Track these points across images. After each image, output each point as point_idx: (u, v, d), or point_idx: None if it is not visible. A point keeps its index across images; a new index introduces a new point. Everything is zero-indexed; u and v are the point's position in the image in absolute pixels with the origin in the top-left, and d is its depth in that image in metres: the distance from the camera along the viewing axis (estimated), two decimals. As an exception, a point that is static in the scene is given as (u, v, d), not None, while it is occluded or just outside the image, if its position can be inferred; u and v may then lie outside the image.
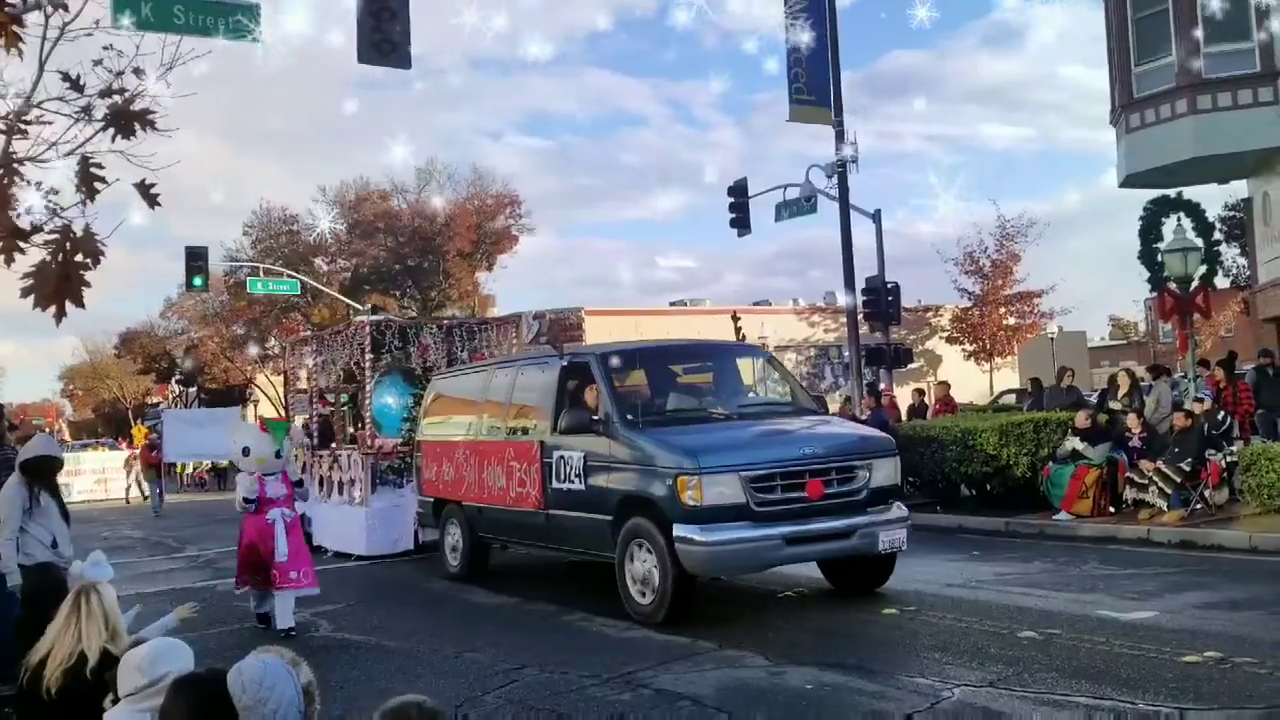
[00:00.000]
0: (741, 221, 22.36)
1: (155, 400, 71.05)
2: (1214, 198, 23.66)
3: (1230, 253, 29.71)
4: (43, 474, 7.81)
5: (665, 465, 8.48)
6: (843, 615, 8.79)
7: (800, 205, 21.61)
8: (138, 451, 31.39)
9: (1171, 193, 18.39)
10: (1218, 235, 21.62)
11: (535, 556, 11.97)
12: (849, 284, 20.44)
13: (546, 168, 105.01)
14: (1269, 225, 20.56)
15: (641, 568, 8.71)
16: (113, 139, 4.71)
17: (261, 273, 37.50)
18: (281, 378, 55.61)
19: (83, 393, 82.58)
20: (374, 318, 15.72)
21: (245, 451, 9.38)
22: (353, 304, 39.17)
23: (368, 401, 14.63)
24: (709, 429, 9.24)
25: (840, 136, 19.98)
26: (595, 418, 9.31)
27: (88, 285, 4.54)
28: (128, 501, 31.84)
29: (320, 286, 41.07)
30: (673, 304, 48.73)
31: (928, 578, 9.98)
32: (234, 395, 51.14)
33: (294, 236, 46.35)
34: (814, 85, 20.26)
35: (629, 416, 9.15)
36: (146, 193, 4.81)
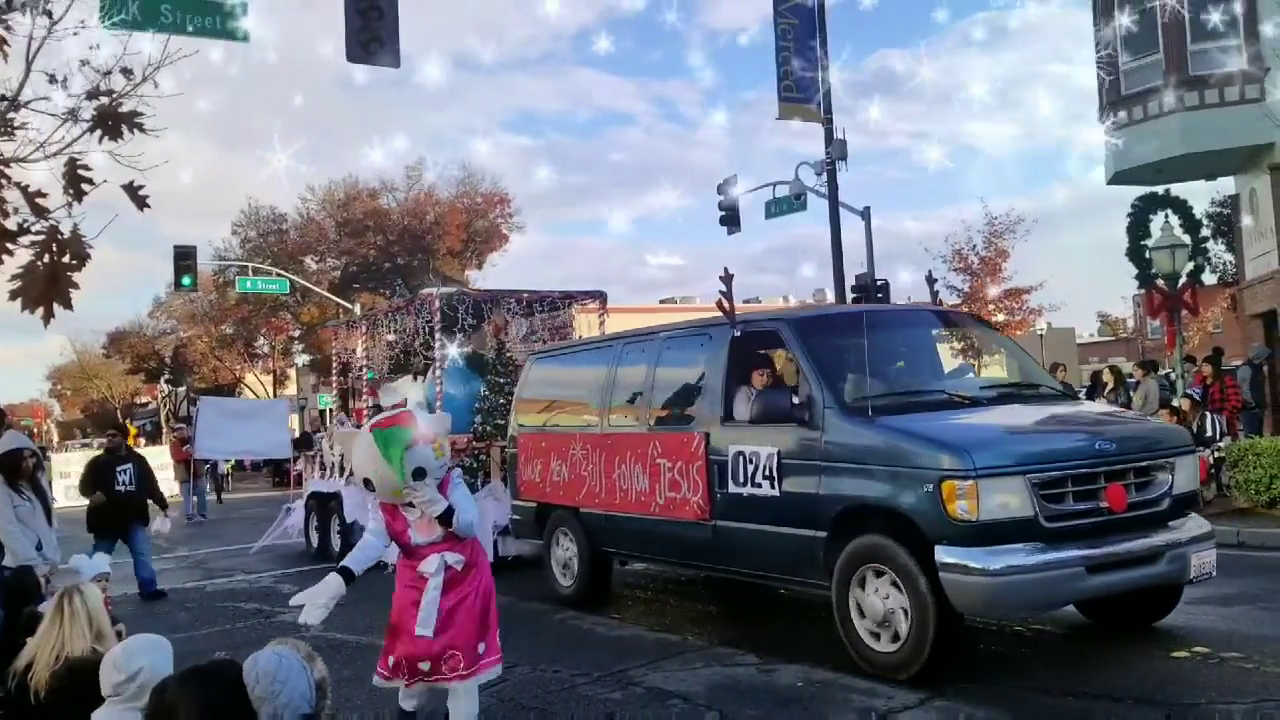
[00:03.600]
0: (731, 219, 22.41)
1: (144, 400, 70.82)
2: (1201, 194, 23.80)
3: (1217, 249, 29.79)
4: (14, 469, 7.78)
5: (920, 465, 6.29)
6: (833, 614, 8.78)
7: (790, 203, 21.67)
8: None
9: (1159, 190, 18.49)
10: (1205, 232, 21.74)
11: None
12: (839, 281, 20.47)
13: (535, 166, 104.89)
14: (1256, 222, 20.63)
15: (878, 603, 6.50)
16: (99, 140, 4.69)
17: (250, 271, 37.40)
18: (271, 377, 55.73)
19: (71, 393, 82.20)
20: (445, 290, 13.75)
21: (420, 475, 5.27)
22: (343, 303, 39.09)
23: (440, 390, 12.51)
24: (960, 416, 7.08)
25: (829, 134, 20.01)
26: (796, 402, 7.20)
27: (75, 286, 4.52)
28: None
29: (309, 285, 40.96)
30: (662, 301, 48.81)
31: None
32: (224, 394, 50.93)
33: (283, 235, 46.24)
34: (803, 83, 20.28)
35: (853, 400, 7.02)
36: (135, 194, 4.78)
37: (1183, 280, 15.94)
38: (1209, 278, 24.94)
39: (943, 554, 6.11)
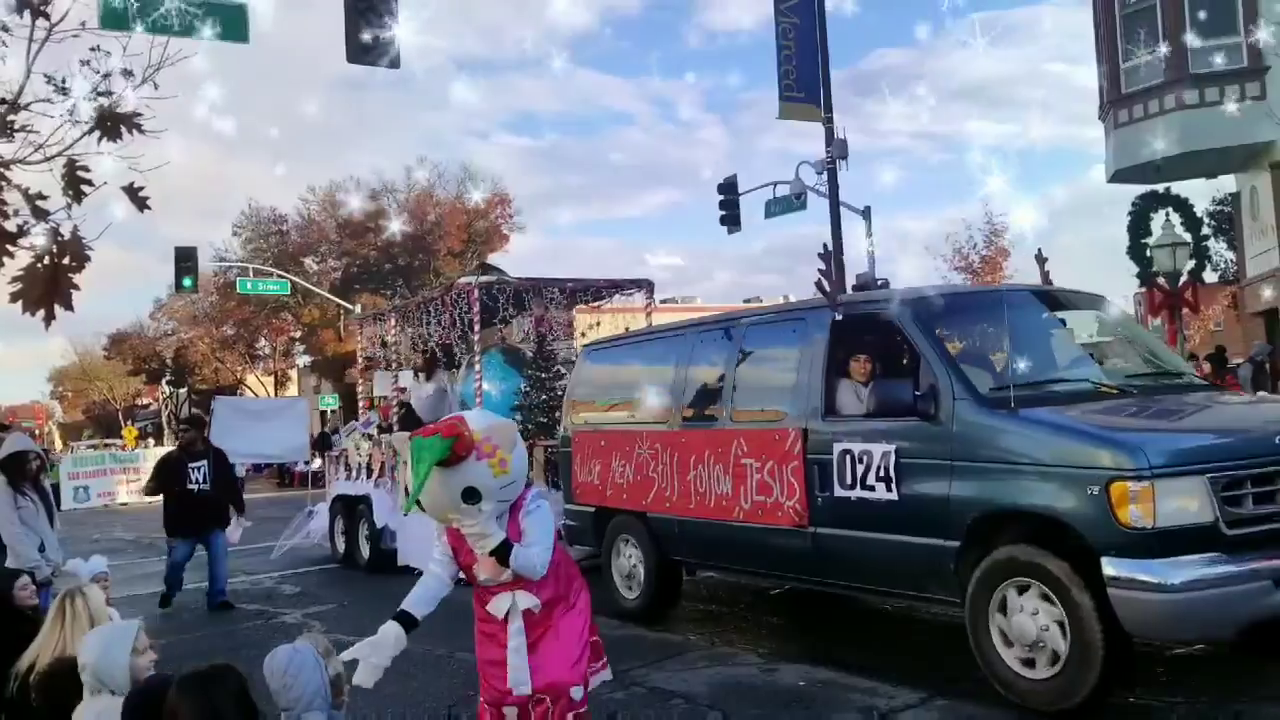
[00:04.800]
0: (732, 219, 22.43)
1: (145, 402, 70.89)
2: (1202, 193, 23.78)
3: (1218, 247, 29.83)
4: (20, 470, 7.78)
5: (1082, 464, 5.48)
6: (837, 612, 8.79)
7: (790, 202, 21.67)
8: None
9: (1160, 188, 18.50)
10: (1206, 230, 21.77)
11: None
12: (839, 280, 20.42)
13: (535, 167, 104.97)
14: (1257, 219, 20.64)
15: (1028, 623, 5.65)
16: (99, 141, 4.70)
17: (251, 273, 37.44)
18: (272, 378, 55.75)
19: (72, 394, 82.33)
20: (484, 279, 12.52)
21: (472, 497, 4.12)
22: (343, 304, 39.12)
23: (479, 385, 11.88)
24: (1117, 409, 6.25)
25: (830, 133, 20.00)
26: (919, 394, 6.30)
27: (76, 288, 4.53)
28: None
29: (310, 286, 41.02)
30: (663, 301, 48.77)
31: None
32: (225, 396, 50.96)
33: (283, 236, 46.29)
34: (803, 82, 20.26)
35: (989, 390, 6.18)
36: (135, 196, 4.79)
37: (1184, 278, 15.98)
38: (1210, 276, 24.95)
39: (1112, 566, 5.27)
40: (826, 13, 19.89)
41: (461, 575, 4.46)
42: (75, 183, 4.62)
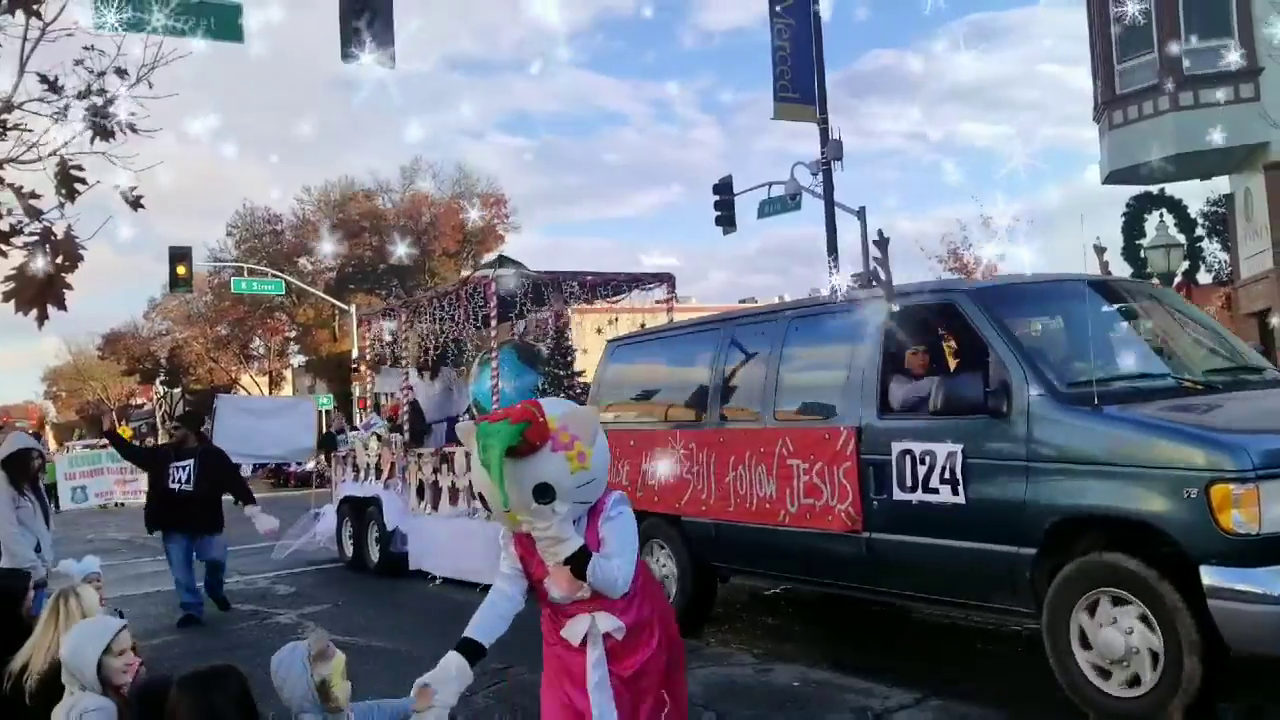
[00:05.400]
0: (727, 219, 22.45)
1: (140, 402, 70.78)
2: (1196, 194, 23.82)
3: (1212, 248, 29.89)
4: (23, 469, 7.77)
5: (1178, 465, 5.10)
6: (831, 614, 8.79)
7: (785, 202, 21.71)
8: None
9: (1154, 189, 18.54)
10: (1200, 231, 21.82)
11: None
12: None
13: (529, 167, 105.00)
14: (1250, 221, 20.68)
15: (1115, 636, 5.25)
16: (91, 140, 4.69)
17: (246, 273, 37.40)
18: (267, 378, 55.73)
19: (66, 394, 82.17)
20: (503, 271, 11.96)
21: (545, 495, 3.49)
22: (338, 304, 39.08)
23: (495, 383, 11.44)
24: (1208, 406, 5.92)
25: (825, 134, 20.04)
26: (989, 389, 5.87)
27: (69, 287, 4.52)
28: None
29: (305, 286, 40.98)
30: (659, 302, 48.76)
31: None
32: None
33: (278, 236, 46.27)
34: (798, 83, 20.33)
35: (1068, 386, 5.77)
36: (129, 196, 4.78)
37: (1178, 279, 15.99)
38: (1204, 277, 24.98)
39: (1211, 576, 4.91)
40: (821, 14, 19.96)
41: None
42: (68, 181, 4.61)
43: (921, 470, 6.16)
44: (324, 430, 19.94)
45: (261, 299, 43.84)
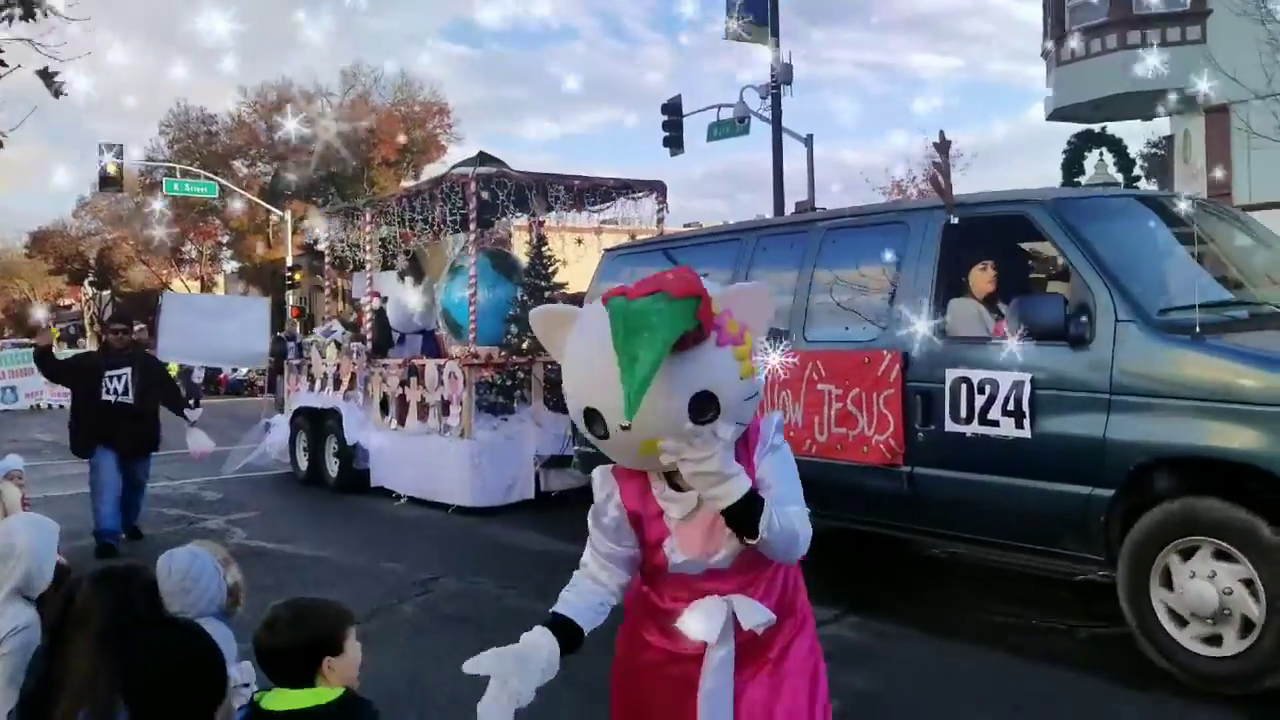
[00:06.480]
0: (675, 140, 22.27)
1: (68, 303, 69.05)
2: (1137, 135, 24.06)
3: (1149, 189, 30.33)
4: None
5: None
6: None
7: (733, 126, 21.58)
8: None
9: (1096, 127, 18.67)
10: (1138, 171, 22.02)
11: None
12: (779, 208, 20.50)
13: (473, 77, 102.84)
14: (1188, 163, 20.98)
15: (1208, 590, 4.71)
16: (10, 22, 4.48)
17: (179, 174, 36.37)
18: (199, 283, 54.60)
19: (-10, 292, 79.84)
20: (482, 169, 10.94)
21: (707, 409, 2.28)
22: (272, 209, 38.28)
23: (472, 292, 10.59)
24: None
25: (776, 58, 19.87)
26: (1068, 314, 5.26)
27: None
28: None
29: (239, 190, 40.00)
30: (603, 223, 48.42)
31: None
32: (150, 300, 49.95)
33: (212, 137, 45.02)
34: (752, 4, 20.06)
35: (1162, 313, 5.16)
36: (50, 80, 4.59)
37: (1114, 218, 16.17)
38: (1139, 217, 25.37)
39: None
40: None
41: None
42: (-14, 65, 4.42)
43: (980, 400, 5.60)
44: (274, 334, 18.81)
45: (194, 201, 42.74)
